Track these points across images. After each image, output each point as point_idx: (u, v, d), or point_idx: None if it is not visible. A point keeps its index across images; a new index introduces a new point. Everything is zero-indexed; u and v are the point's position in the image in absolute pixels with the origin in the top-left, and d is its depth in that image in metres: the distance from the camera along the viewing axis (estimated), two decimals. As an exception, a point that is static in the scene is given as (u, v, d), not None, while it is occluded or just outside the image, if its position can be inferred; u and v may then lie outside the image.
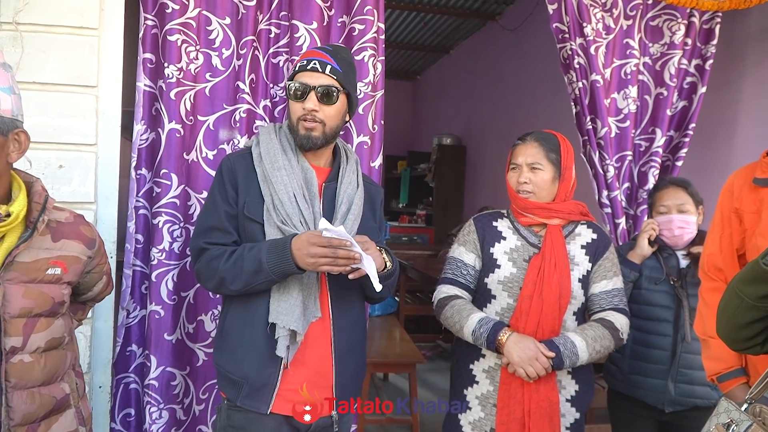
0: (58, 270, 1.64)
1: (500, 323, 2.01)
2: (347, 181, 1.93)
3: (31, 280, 1.59)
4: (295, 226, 1.77)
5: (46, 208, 1.62)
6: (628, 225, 3.06)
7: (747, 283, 1.32)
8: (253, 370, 1.79)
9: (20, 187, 1.61)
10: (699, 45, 3.12)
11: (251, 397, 1.79)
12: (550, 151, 2.09)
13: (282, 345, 1.76)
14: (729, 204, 1.89)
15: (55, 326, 1.66)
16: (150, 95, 2.52)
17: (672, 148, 3.14)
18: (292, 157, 1.87)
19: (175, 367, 2.54)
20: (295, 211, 1.79)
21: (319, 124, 1.84)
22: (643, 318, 2.45)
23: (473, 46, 7.66)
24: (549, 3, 2.97)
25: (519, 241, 2.12)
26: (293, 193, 1.80)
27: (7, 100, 1.53)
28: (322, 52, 1.88)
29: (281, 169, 1.82)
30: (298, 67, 1.88)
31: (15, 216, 1.54)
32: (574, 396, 2.08)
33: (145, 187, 2.54)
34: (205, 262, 1.82)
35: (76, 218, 1.76)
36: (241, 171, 1.87)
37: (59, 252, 1.66)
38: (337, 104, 1.87)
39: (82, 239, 1.73)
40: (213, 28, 2.55)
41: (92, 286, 1.89)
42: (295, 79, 1.87)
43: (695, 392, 2.38)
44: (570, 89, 3.03)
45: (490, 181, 6.87)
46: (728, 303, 1.40)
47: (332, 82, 1.85)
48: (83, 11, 2.37)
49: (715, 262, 1.95)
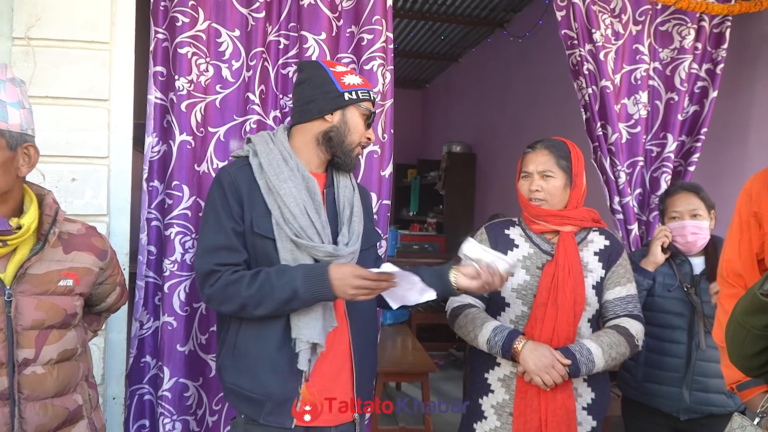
0: (69, 282, 1.64)
1: (515, 331, 2.00)
2: (343, 184, 1.94)
3: (43, 292, 1.59)
4: (311, 237, 1.76)
5: (57, 220, 1.62)
6: (641, 231, 3.04)
7: (750, 315, 1.32)
8: (275, 386, 1.75)
9: (32, 199, 1.62)
10: (709, 49, 3.11)
11: (275, 414, 1.76)
12: (560, 158, 2.09)
13: (304, 359, 1.74)
14: (747, 208, 1.87)
15: (68, 338, 1.66)
16: (161, 108, 2.54)
17: (684, 153, 3.12)
18: (294, 166, 1.84)
19: (188, 379, 2.54)
20: (308, 223, 1.77)
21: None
22: (657, 325, 2.43)
23: (482, 54, 7.66)
24: (557, 10, 2.97)
25: (532, 249, 2.12)
26: (303, 205, 1.78)
27: (15, 115, 1.53)
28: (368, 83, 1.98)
29: (287, 181, 1.79)
30: (368, 93, 1.92)
31: (26, 228, 1.55)
32: (591, 404, 2.06)
33: (157, 198, 2.55)
34: (221, 287, 1.73)
35: (88, 230, 1.76)
36: (244, 184, 1.81)
37: (71, 264, 1.66)
38: None
39: (93, 251, 1.73)
40: (223, 41, 2.56)
41: (105, 297, 1.88)
42: (368, 105, 1.92)
43: (710, 400, 2.36)
44: (580, 95, 3.02)
45: (500, 188, 6.86)
46: (735, 335, 1.39)
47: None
48: (95, 26, 2.39)
49: (734, 267, 1.93)
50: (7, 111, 1.52)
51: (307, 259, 1.77)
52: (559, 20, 2.98)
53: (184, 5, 2.49)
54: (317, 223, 1.79)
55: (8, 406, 1.52)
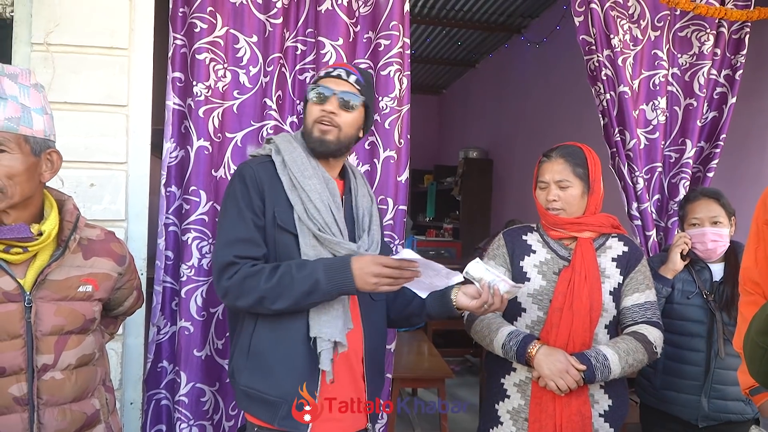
0: (89, 287, 1.64)
1: (530, 336, 2.00)
2: (361, 194, 1.95)
3: (62, 297, 1.59)
4: (334, 233, 1.78)
5: (77, 226, 1.63)
6: (659, 237, 3.01)
7: (764, 335, 1.31)
8: (294, 388, 1.72)
9: (52, 205, 1.62)
10: (728, 55, 3.08)
11: (291, 417, 1.72)
12: (576, 166, 2.08)
13: (326, 358, 1.71)
14: (763, 216, 1.85)
15: (86, 343, 1.66)
16: (179, 113, 2.56)
17: (703, 159, 3.09)
18: (315, 165, 1.85)
19: (204, 383, 2.55)
20: (332, 219, 1.78)
21: (335, 128, 1.83)
22: (676, 333, 2.41)
23: (499, 60, 7.65)
24: (575, 15, 2.96)
25: (549, 255, 2.11)
26: (327, 202, 1.79)
27: (39, 121, 1.54)
28: (350, 65, 1.92)
29: (312, 178, 1.80)
30: (324, 74, 1.90)
31: (47, 235, 1.55)
32: (608, 411, 2.04)
33: (174, 204, 2.56)
34: (239, 279, 1.71)
35: (107, 235, 1.76)
36: (266, 179, 1.80)
37: (90, 269, 1.66)
38: (356, 113, 1.87)
39: (112, 256, 1.73)
40: (240, 46, 2.58)
41: (123, 302, 1.89)
42: (316, 85, 1.88)
43: (729, 408, 2.34)
44: (598, 101, 3.01)
45: (517, 194, 6.83)
46: (753, 354, 1.38)
47: (355, 90, 1.86)
48: (113, 32, 2.42)
49: (751, 275, 1.91)
50: (31, 117, 1.52)
51: (329, 255, 1.77)
52: (577, 26, 2.96)
53: (203, 11, 2.51)
54: (340, 221, 1.81)
55: (27, 411, 1.53)
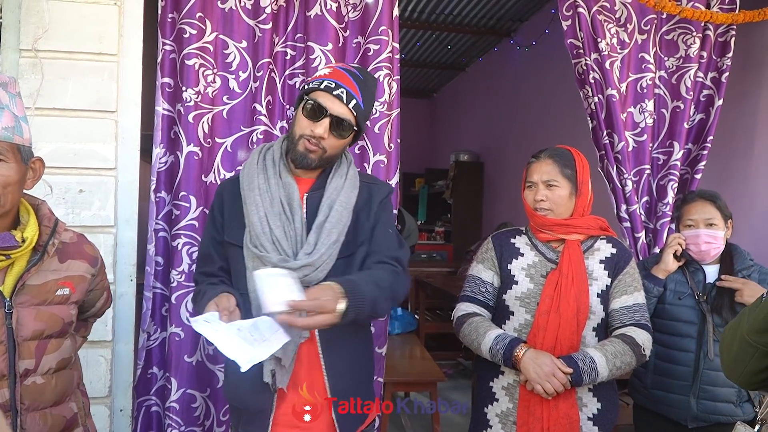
0: (66, 290, 1.65)
1: (516, 339, 2.00)
2: (333, 186, 1.83)
3: (41, 302, 1.60)
4: (265, 247, 1.73)
5: (56, 231, 1.63)
6: (648, 239, 3.03)
7: (760, 334, 1.32)
8: (248, 396, 1.78)
9: (28, 211, 1.62)
10: (714, 58, 3.11)
11: (250, 423, 1.79)
12: (565, 167, 2.08)
13: (267, 371, 1.72)
14: None
15: (64, 347, 1.67)
16: (168, 119, 2.56)
17: (690, 161, 3.11)
18: (273, 174, 1.81)
19: (195, 389, 2.54)
20: (265, 231, 1.74)
21: (320, 149, 1.77)
22: (667, 333, 2.42)
23: (489, 63, 7.68)
24: (563, 19, 2.98)
25: (537, 257, 2.11)
26: (264, 213, 1.75)
27: (26, 129, 1.55)
28: (353, 82, 1.78)
29: (254, 189, 1.79)
30: (324, 86, 1.76)
31: (29, 242, 1.55)
32: (597, 414, 2.04)
33: (164, 209, 2.56)
34: (193, 298, 1.87)
35: (79, 238, 1.77)
36: (228, 196, 1.86)
37: (66, 272, 1.66)
38: (346, 139, 1.82)
39: (86, 258, 1.74)
40: (230, 52, 2.58)
41: (95, 303, 1.90)
42: (313, 95, 1.77)
43: (718, 409, 2.35)
44: (586, 104, 3.03)
45: (508, 196, 6.86)
46: (742, 353, 1.39)
47: (351, 117, 1.78)
48: (102, 38, 2.42)
49: None
50: (21, 126, 1.53)
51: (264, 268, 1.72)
52: (565, 29, 2.98)
53: (192, 17, 2.52)
54: (278, 231, 1.74)
55: (10, 417, 1.53)
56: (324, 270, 1.74)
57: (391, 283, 1.74)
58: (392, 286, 1.74)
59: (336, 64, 1.82)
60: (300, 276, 1.68)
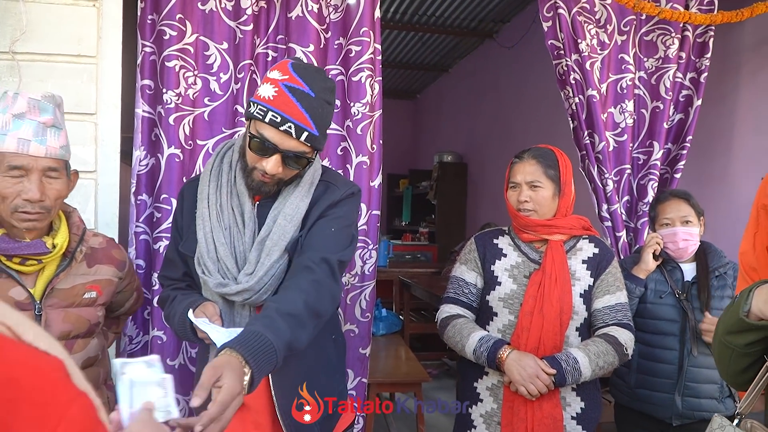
0: (93, 294, 1.75)
1: (500, 341, 2.00)
2: (283, 194, 1.67)
3: (69, 304, 1.69)
4: (206, 266, 1.63)
5: (84, 239, 1.74)
6: (629, 238, 3.06)
7: (732, 335, 1.35)
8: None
9: (60, 218, 1.72)
10: (693, 58, 3.14)
11: None
12: (548, 168, 2.08)
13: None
14: (761, 200, 1.87)
15: (91, 346, 1.76)
16: (149, 121, 2.54)
17: (670, 161, 3.14)
18: (225, 182, 1.68)
19: (178, 393, 2.52)
20: (209, 249, 1.63)
21: (276, 179, 1.61)
22: (649, 332, 2.44)
23: (471, 64, 7.71)
24: (544, 21, 3.00)
25: (520, 258, 2.11)
26: (210, 229, 1.64)
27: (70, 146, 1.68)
28: (300, 109, 1.52)
29: (204, 200, 1.67)
30: (268, 119, 1.52)
31: (59, 248, 1.65)
32: (580, 414, 2.05)
33: (145, 212, 2.54)
34: (159, 302, 1.83)
35: (108, 243, 1.87)
36: (188, 200, 1.75)
37: (94, 277, 1.76)
38: (304, 166, 1.63)
39: (114, 263, 1.84)
40: (211, 53, 2.57)
41: (124, 303, 2.00)
42: (258, 126, 1.55)
43: (702, 405, 2.37)
44: (567, 105, 3.04)
45: (491, 197, 6.88)
46: (721, 354, 1.42)
47: (304, 149, 1.57)
48: (81, 40, 2.39)
49: (749, 261, 1.91)
50: (69, 143, 1.66)
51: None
52: (546, 31, 3.00)
53: (172, 18, 2.50)
54: (222, 249, 1.62)
55: None
56: (267, 291, 1.61)
57: (306, 304, 1.48)
58: (310, 305, 1.49)
59: (282, 76, 1.56)
60: (240, 300, 1.60)
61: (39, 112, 1.56)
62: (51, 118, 1.58)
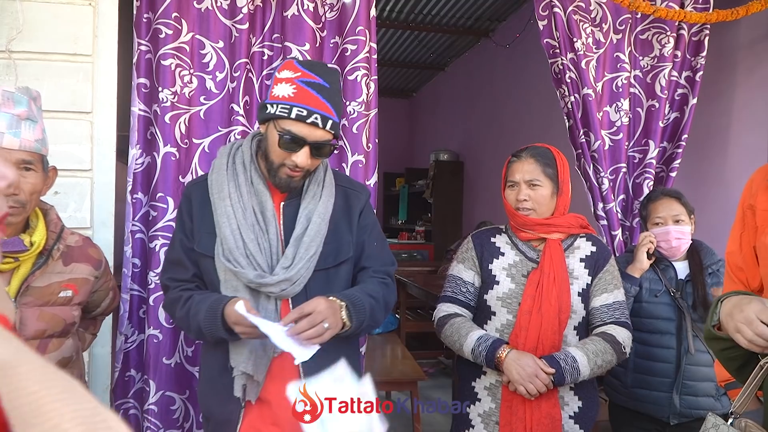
0: (69, 292, 1.73)
1: (499, 340, 2.00)
2: (311, 195, 1.76)
3: (44, 303, 1.67)
4: (239, 262, 1.67)
5: (61, 237, 1.71)
6: (625, 237, 3.06)
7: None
8: (215, 406, 1.76)
9: (38, 215, 1.70)
10: (689, 57, 3.14)
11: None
12: (546, 167, 2.08)
13: (238, 386, 1.70)
14: (746, 200, 1.87)
15: (65, 346, 1.73)
16: (145, 119, 2.54)
17: (666, 159, 3.15)
18: (244, 182, 1.73)
19: (174, 392, 2.53)
20: (238, 245, 1.67)
21: (303, 173, 1.70)
22: (645, 331, 2.44)
23: (468, 63, 7.71)
24: (539, 19, 3.00)
25: (517, 257, 2.11)
26: (237, 225, 1.68)
27: (47, 140, 1.66)
28: (321, 99, 1.63)
29: (225, 199, 1.71)
30: (294, 115, 1.61)
31: (37, 245, 1.63)
32: (578, 413, 2.05)
33: (141, 211, 2.54)
34: (168, 304, 1.81)
35: (84, 241, 1.85)
36: (197, 201, 1.77)
37: (70, 275, 1.74)
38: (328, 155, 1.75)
39: (90, 261, 1.82)
40: (206, 52, 2.57)
41: (100, 303, 1.97)
42: (283, 124, 1.63)
43: (700, 404, 2.37)
44: (563, 103, 3.05)
45: (488, 195, 6.88)
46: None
47: (329, 137, 1.68)
48: (77, 38, 2.39)
49: (735, 260, 1.92)
50: (45, 138, 1.64)
51: (240, 282, 1.69)
52: (541, 29, 3.00)
53: (168, 17, 2.50)
54: (252, 244, 1.68)
55: None
56: (301, 284, 1.70)
57: (383, 295, 1.78)
58: (384, 296, 1.78)
59: (295, 74, 1.65)
60: (277, 291, 1.67)
61: (13, 105, 1.53)
62: (25, 110, 1.55)
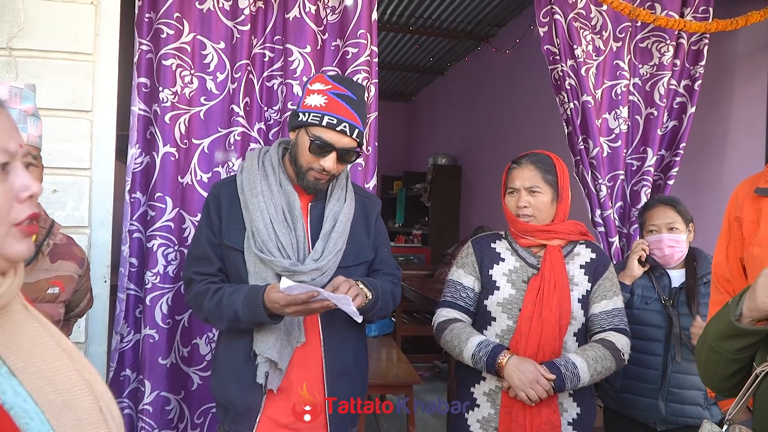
0: (56, 289, 1.74)
1: (499, 346, 1.99)
2: (335, 197, 1.92)
3: (32, 299, 1.64)
4: (272, 252, 1.78)
5: (51, 232, 1.72)
6: (622, 244, 3.07)
7: (723, 339, 1.37)
8: (237, 395, 1.81)
9: None
10: (688, 66, 3.16)
11: (236, 422, 1.82)
12: (546, 173, 2.08)
13: (261, 373, 1.77)
14: (734, 213, 1.88)
15: None
16: (144, 119, 2.54)
17: (663, 167, 3.16)
18: (274, 182, 1.86)
19: (169, 392, 2.52)
20: (271, 237, 1.79)
21: (330, 177, 1.85)
22: (636, 338, 2.43)
23: (467, 67, 7.72)
24: (540, 26, 3.01)
25: (518, 263, 2.11)
26: (270, 219, 1.80)
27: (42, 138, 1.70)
28: (350, 110, 1.80)
29: (258, 196, 1.83)
30: (325, 123, 1.77)
31: None
32: (576, 419, 2.05)
33: (139, 210, 2.54)
34: (193, 296, 1.85)
35: (68, 239, 1.86)
36: (225, 199, 1.88)
37: (56, 272, 1.75)
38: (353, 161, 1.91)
39: (75, 259, 1.83)
40: (207, 53, 2.57)
41: (79, 303, 1.98)
42: (314, 130, 1.78)
43: (686, 411, 2.37)
44: (562, 110, 3.06)
45: (485, 200, 6.89)
46: (709, 359, 1.44)
47: (355, 144, 1.84)
48: (78, 37, 2.39)
49: (722, 272, 1.93)
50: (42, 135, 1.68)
51: (270, 273, 1.79)
52: (542, 36, 3.01)
53: (169, 17, 2.50)
54: (284, 237, 1.80)
55: None
56: (328, 276, 1.82)
57: (391, 289, 1.95)
58: (392, 290, 1.96)
59: (326, 86, 1.81)
60: (308, 279, 1.78)
61: (20, 101, 1.57)
62: (32, 107, 1.59)
